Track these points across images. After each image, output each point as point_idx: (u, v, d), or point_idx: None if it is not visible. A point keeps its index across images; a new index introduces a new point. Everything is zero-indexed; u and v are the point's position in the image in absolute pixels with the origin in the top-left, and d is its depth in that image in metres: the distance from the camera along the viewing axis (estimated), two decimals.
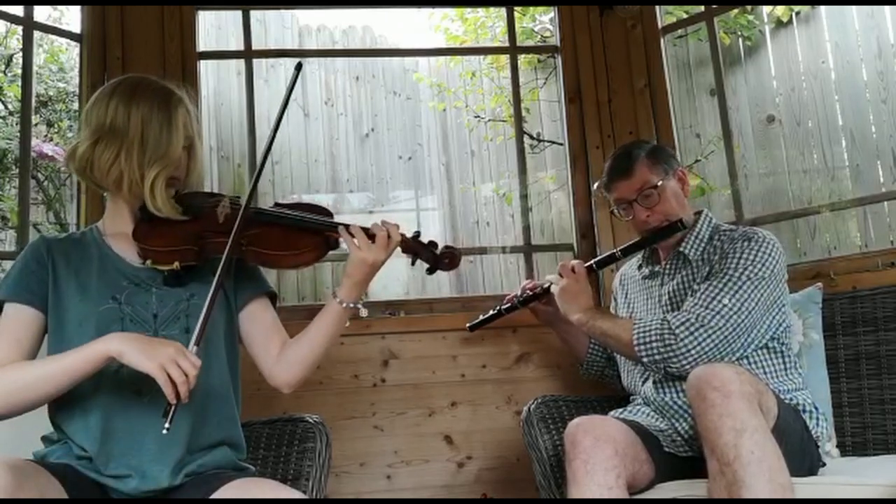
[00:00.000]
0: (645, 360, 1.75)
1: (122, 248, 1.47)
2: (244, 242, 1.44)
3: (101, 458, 1.35)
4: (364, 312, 1.50)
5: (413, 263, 1.55)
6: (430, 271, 1.55)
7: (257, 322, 1.55)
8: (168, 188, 1.45)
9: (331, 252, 1.52)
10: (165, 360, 1.22)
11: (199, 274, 1.45)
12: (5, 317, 1.40)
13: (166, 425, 1.21)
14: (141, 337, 1.31)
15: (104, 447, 1.35)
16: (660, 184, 1.89)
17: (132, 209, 1.47)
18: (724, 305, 1.71)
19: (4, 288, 1.41)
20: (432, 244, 1.55)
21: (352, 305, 1.48)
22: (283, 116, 1.48)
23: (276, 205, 1.55)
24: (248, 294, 1.55)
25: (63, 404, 1.40)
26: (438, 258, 1.54)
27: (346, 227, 1.47)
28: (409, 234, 1.52)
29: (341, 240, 1.48)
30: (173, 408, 1.22)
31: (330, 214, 1.53)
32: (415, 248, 1.53)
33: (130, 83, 1.47)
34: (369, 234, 1.46)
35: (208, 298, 1.32)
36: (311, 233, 1.49)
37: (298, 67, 1.50)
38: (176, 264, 1.42)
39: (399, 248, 1.50)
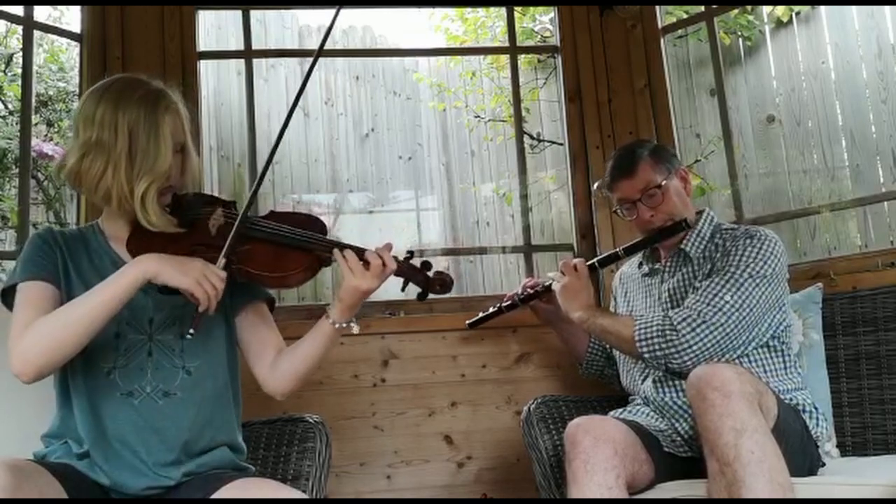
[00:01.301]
0: (646, 355, 1.75)
1: (121, 251, 1.46)
2: (234, 260, 1.40)
3: (97, 458, 1.35)
4: (356, 329, 1.48)
5: (403, 289, 1.52)
6: (421, 297, 1.52)
7: (253, 329, 1.54)
8: (162, 196, 1.43)
9: None
10: (199, 276, 1.30)
11: None
12: (24, 292, 1.36)
13: (190, 331, 1.30)
14: (169, 256, 1.34)
15: (98, 449, 1.35)
16: (663, 183, 1.89)
17: (127, 217, 1.45)
18: (726, 302, 1.72)
19: (19, 272, 1.39)
20: (425, 265, 1.51)
21: (344, 325, 1.46)
22: (314, 71, 1.48)
23: (272, 213, 1.51)
24: (244, 299, 1.54)
25: (61, 404, 1.40)
26: (430, 283, 1.51)
27: (341, 249, 1.44)
28: (401, 257, 1.49)
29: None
30: (200, 317, 1.32)
31: (324, 228, 1.49)
32: (407, 272, 1.49)
33: (117, 89, 1.43)
34: (363, 259, 1.43)
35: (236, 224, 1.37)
36: (303, 251, 1.45)
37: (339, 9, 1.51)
38: None
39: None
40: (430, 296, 1.52)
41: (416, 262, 1.51)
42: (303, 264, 1.44)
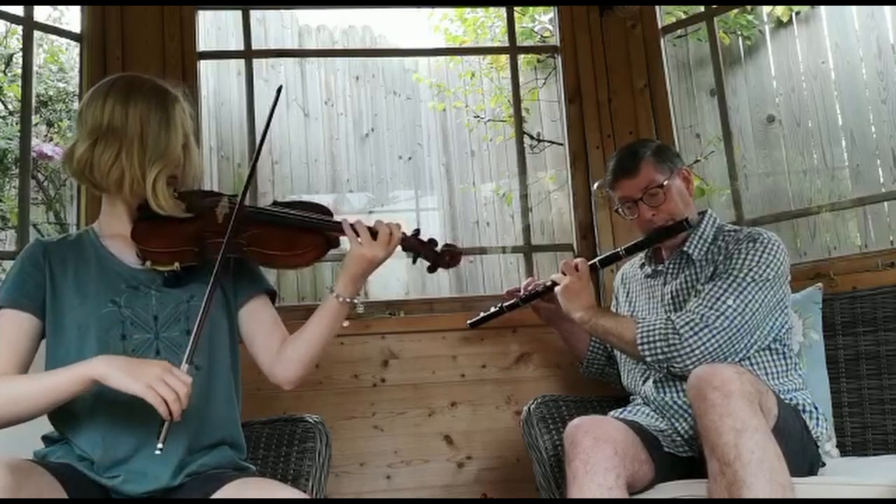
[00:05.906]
0: (648, 359, 1.75)
1: (120, 250, 1.47)
2: (244, 243, 1.44)
3: (103, 462, 1.35)
4: (360, 309, 1.51)
5: (414, 262, 1.56)
6: (431, 269, 1.57)
7: (257, 320, 1.54)
8: (168, 187, 1.44)
9: (331, 251, 1.52)
10: (152, 380, 1.19)
11: (199, 274, 1.44)
12: (2, 323, 1.39)
13: (159, 445, 1.18)
14: (126, 358, 1.29)
15: (107, 453, 1.35)
16: (665, 183, 1.89)
17: (130, 210, 1.47)
18: (729, 306, 1.71)
19: (2, 294, 1.41)
20: (432, 242, 1.56)
21: (348, 300, 1.48)
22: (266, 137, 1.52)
23: (276, 203, 1.55)
24: (247, 292, 1.55)
25: (66, 409, 1.39)
26: (439, 256, 1.55)
27: (350, 222, 1.48)
28: (409, 233, 1.53)
29: (342, 238, 1.49)
30: (166, 426, 1.19)
31: (330, 213, 1.54)
32: (415, 246, 1.54)
33: (125, 82, 1.47)
34: (372, 230, 1.47)
35: (200, 313, 1.29)
36: (311, 232, 1.49)
37: (279, 91, 1.54)
38: (176, 265, 1.42)
39: (399, 247, 1.51)
40: (440, 269, 1.56)
41: (424, 238, 1.55)
42: (313, 243, 1.48)
